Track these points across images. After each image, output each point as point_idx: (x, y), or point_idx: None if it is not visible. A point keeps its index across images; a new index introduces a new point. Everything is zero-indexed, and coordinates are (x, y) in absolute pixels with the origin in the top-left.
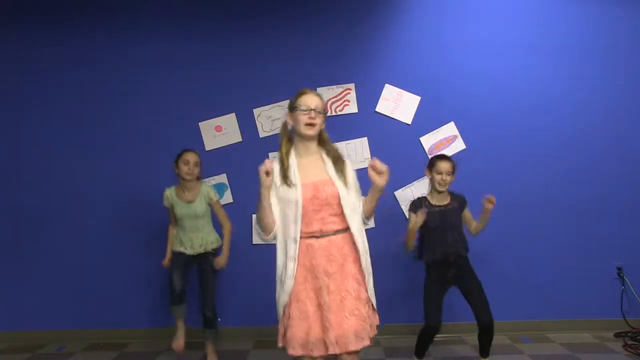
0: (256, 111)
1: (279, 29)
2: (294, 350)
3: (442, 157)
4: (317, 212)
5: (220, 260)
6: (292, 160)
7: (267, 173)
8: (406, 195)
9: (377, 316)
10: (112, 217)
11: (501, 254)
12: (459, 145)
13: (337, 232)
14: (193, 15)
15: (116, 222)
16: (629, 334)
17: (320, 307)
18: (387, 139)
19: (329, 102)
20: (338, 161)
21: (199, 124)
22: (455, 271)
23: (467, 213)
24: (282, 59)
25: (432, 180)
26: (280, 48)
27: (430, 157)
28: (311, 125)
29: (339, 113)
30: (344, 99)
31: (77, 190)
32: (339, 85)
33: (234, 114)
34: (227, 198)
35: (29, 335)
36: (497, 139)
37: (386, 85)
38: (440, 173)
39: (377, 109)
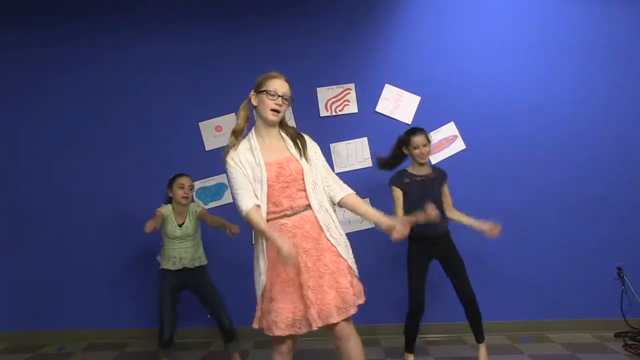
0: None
1: (279, 29)
2: (281, 331)
3: (414, 131)
4: (284, 190)
5: (233, 229)
6: (255, 142)
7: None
8: None
9: (360, 284)
10: (112, 217)
11: (501, 254)
12: (459, 145)
13: (307, 207)
14: (193, 15)
15: (116, 222)
16: (629, 334)
17: (301, 286)
18: (387, 139)
19: (329, 102)
20: (298, 138)
21: (199, 124)
22: (440, 246)
23: (445, 190)
24: (282, 59)
25: (411, 156)
26: (280, 48)
27: (401, 135)
28: (276, 111)
29: (339, 113)
30: (344, 99)
31: (77, 190)
32: (339, 85)
33: (234, 114)
34: (227, 198)
35: (29, 335)
36: (497, 139)
37: (386, 85)
38: (417, 147)
39: (377, 109)
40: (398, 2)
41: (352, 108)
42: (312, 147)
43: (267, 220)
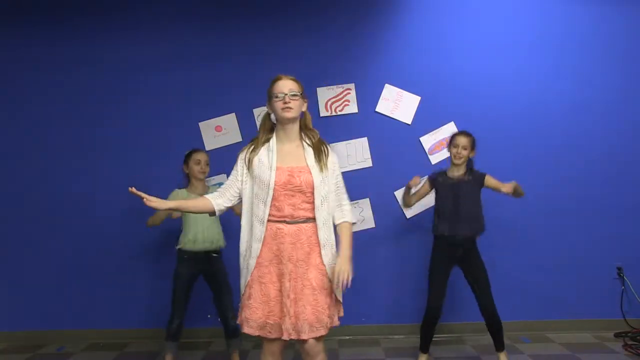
0: (256, 111)
1: (279, 29)
2: (251, 330)
3: (461, 132)
4: (289, 197)
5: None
6: (274, 145)
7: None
8: None
9: (339, 310)
10: (112, 217)
11: (501, 254)
12: None
13: (308, 219)
14: (193, 15)
15: (116, 222)
16: (629, 334)
17: (281, 292)
18: (387, 139)
19: (329, 102)
20: (319, 149)
21: (199, 124)
22: (463, 252)
23: (491, 181)
24: (282, 59)
25: (450, 155)
26: (280, 48)
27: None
28: (287, 108)
29: (339, 113)
30: (344, 99)
31: (77, 190)
32: (339, 85)
33: (234, 114)
34: None
35: (29, 335)
36: (497, 139)
37: (386, 85)
38: (456, 146)
39: (377, 109)
40: (398, 2)
41: (352, 108)
42: (332, 161)
43: (268, 222)
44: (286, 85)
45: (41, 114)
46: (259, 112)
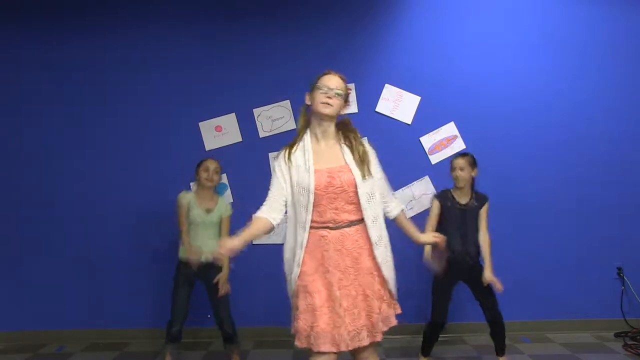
0: (256, 111)
1: (279, 29)
2: (300, 342)
3: (457, 155)
4: (331, 201)
5: (225, 289)
6: (308, 144)
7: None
8: (406, 195)
9: (396, 308)
10: (112, 217)
11: (501, 254)
12: (459, 145)
13: (351, 223)
14: (193, 15)
15: (116, 221)
16: (629, 334)
17: (329, 301)
18: (387, 139)
19: None
20: (358, 146)
21: (199, 124)
22: (468, 271)
23: (483, 214)
24: (282, 59)
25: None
26: (280, 48)
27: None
28: (327, 104)
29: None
30: None
31: (77, 190)
32: None
33: (234, 114)
34: (227, 198)
35: (29, 335)
36: (497, 139)
37: (386, 85)
38: (453, 169)
39: (377, 109)
40: (398, 2)
41: (352, 108)
42: (372, 155)
43: (310, 228)
44: (333, 81)
45: (41, 114)
46: (259, 112)
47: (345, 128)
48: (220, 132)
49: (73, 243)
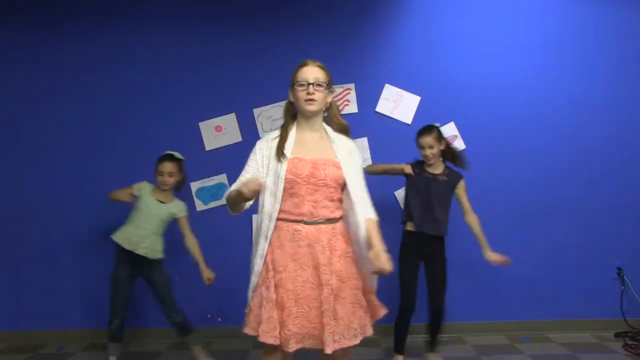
0: (256, 111)
1: (279, 29)
2: (247, 329)
3: (422, 132)
4: (311, 193)
5: (208, 275)
6: (292, 133)
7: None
8: None
9: (380, 310)
10: (111, 217)
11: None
12: (459, 145)
13: (328, 220)
14: (193, 15)
15: (116, 221)
16: (629, 334)
17: (298, 301)
18: (387, 139)
19: None
20: (346, 141)
21: (199, 124)
22: (430, 249)
23: (461, 194)
24: (282, 59)
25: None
26: (280, 48)
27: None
28: (310, 100)
29: None
30: (344, 99)
31: (76, 190)
32: (339, 85)
33: (234, 114)
34: None
35: (29, 335)
36: (497, 139)
37: (386, 85)
38: (422, 148)
39: (377, 109)
40: (398, 2)
41: (352, 108)
42: (359, 159)
43: (278, 220)
44: (312, 73)
45: (41, 114)
46: (259, 112)
47: (333, 121)
48: (220, 132)
49: (73, 243)
